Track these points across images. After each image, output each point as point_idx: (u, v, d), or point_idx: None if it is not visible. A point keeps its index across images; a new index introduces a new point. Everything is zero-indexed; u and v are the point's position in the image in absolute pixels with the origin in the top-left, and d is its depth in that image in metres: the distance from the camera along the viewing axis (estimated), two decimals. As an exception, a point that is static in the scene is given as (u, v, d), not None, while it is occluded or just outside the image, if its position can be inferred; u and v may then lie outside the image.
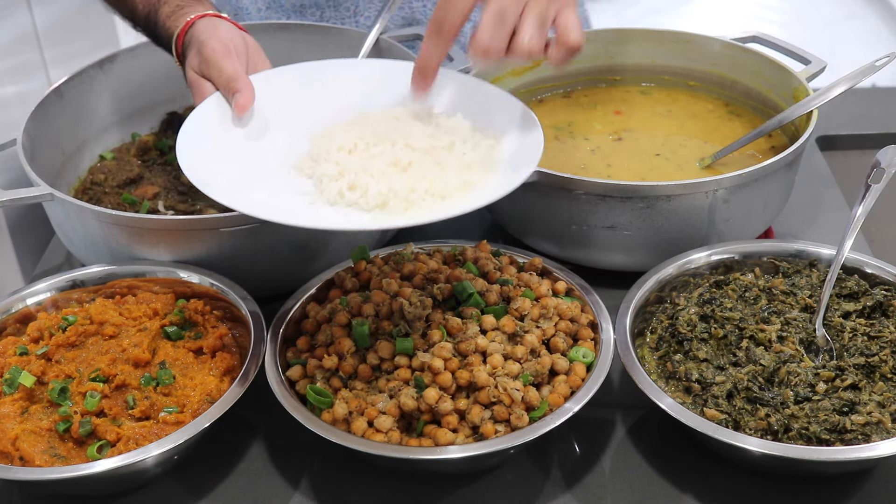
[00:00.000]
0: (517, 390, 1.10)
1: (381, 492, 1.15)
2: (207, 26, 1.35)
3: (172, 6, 1.41)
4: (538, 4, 1.12)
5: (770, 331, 1.19)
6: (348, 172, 1.16)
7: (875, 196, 1.26)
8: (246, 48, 1.35)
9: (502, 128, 1.27)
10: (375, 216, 1.13)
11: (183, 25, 1.37)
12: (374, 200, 1.14)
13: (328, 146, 1.21)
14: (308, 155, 1.22)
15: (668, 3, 4.84)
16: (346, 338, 1.17)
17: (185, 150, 1.20)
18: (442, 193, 1.15)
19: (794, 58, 1.58)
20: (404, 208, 1.14)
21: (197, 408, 1.16)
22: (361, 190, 1.15)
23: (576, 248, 1.39)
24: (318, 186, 1.17)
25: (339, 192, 1.15)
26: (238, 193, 1.14)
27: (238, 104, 1.26)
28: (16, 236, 1.77)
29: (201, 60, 1.31)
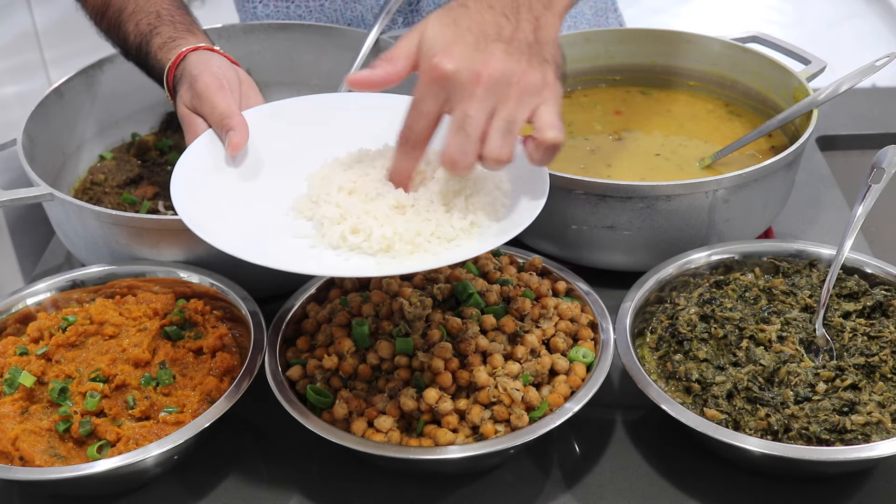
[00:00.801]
0: (517, 390, 1.10)
1: (381, 492, 1.15)
2: (199, 60, 1.31)
3: (164, 37, 1.37)
4: (506, 108, 1.01)
5: (770, 331, 1.19)
6: (350, 215, 1.11)
7: (875, 196, 1.26)
8: (239, 83, 1.31)
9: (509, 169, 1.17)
10: (380, 261, 1.08)
11: (174, 58, 1.33)
12: (378, 244, 1.08)
13: (328, 187, 1.15)
14: (307, 196, 1.17)
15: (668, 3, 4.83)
16: (346, 338, 1.17)
17: (180, 193, 1.15)
18: (448, 236, 1.10)
19: (794, 58, 1.58)
20: (410, 251, 1.08)
21: (197, 408, 1.16)
22: (365, 234, 1.09)
23: (576, 248, 1.39)
24: (319, 229, 1.12)
25: (342, 236, 1.10)
26: (237, 238, 1.10)
27: (232, 143, 1.20)
28: (16, 236, 1.77)
29: (193, 95, 1.27)
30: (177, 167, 1.19)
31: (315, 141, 1.24)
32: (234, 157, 1.22)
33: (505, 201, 1.14)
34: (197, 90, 1.26)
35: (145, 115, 1.71)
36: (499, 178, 1.16)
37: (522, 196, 1.14)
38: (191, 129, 1.26)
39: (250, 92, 1.31)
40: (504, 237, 1.08)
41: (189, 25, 1.40)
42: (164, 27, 1.38)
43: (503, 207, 1.14)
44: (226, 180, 1.21)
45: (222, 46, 1.70)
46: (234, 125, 1.21)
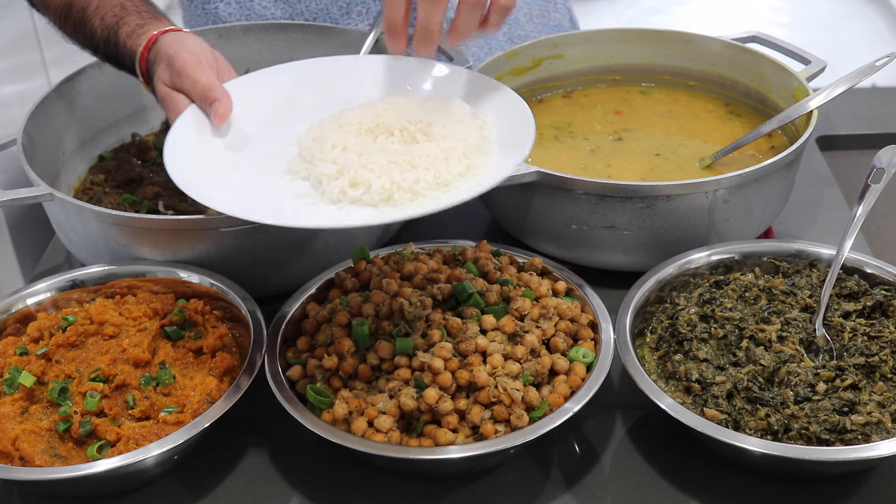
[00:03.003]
0: (517, 390, 1.10)
1: (381, 492, 1.15)
2: (173, 40, 1.34)
3: (132, 25, 1.39)
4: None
5: (770, 331, 1.19)
6: (348, 170, 1.15)
7: (875, 196, 1.26)
8: (215, 59, 1.34)
9: (491, 110, 1.26)
10: (382, 210, 1.12)
11: (146, 42, 1.36)
12: (379, 195, 1.13)
13: (321, 146, 1.20)
14: (299, 157, 1.21)
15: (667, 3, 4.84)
16: (346, 338, 1.17)
17: (176, 167, 1.18)
18: (446, 181, 1.15)
19: (794, 58, 1.58)
20: (410, 199, 1.13)
21: (197, 408, 1.16)
22: (364, 186, 1.14)
23: (576, 248, 1.39)
24: (318, 187, 1.16)
25: (342, 191, 1.14)
26: (240, 203, 1.13)
27: (217, 113, 1.24)
28: (16, 236, 1.77)
29: (173, 73, 1.30)
30: (167, 144, 1.21)
31: (296, 106, 1.30)
32: (220, 128, 1.25)
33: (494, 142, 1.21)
34: (176, 67, 1.29)
35: (145, 115, 1.71)
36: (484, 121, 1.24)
37: (510, 139, 1.21)
38: (173, 106, 1.29)
39: (225, 68, 1.35)
40: (497, 177, 1.13)
41: (154, 13, 1.42)
42: (130, 17, 1.40)
43: (492, 148, 1.20)
44: (217, 151, 1.24)
45: (222, 46, 1.71)
46: (217, 96, 1.25)
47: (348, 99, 1.29)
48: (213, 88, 1.26)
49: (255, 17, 1.76)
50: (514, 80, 1.67)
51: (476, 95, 1.29)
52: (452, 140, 1.19)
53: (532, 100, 1.69)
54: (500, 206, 1.47)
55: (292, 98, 1.32)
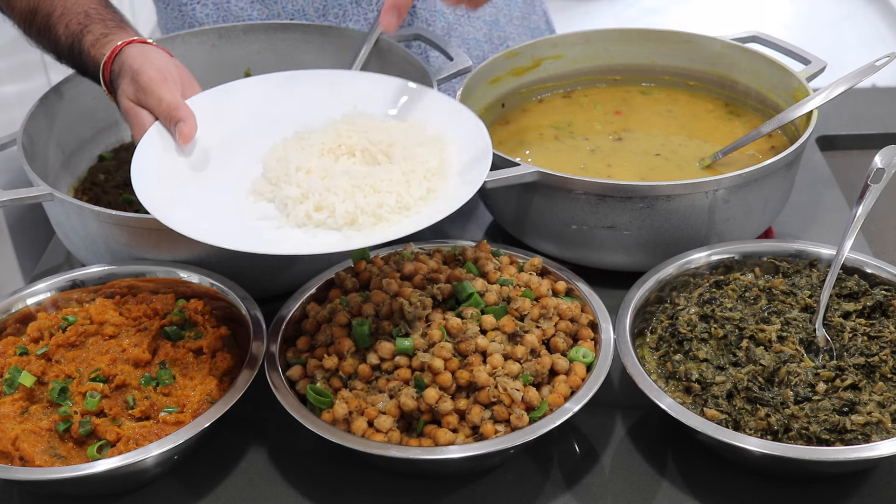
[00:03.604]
0: (517, 390, 1.10)
1: (381, 492, 1.15)
2: (138, 53, 1.33)
3: (96, 34, 1.38)
4: None
5: (770, 331, 1.19)
6: (312, 193, 1.17)
7: (875, 196, 1.26)
8: (179, 75, 1.34)
9: (451, 131, 1.28)
10: (346, 234, 1.14)
11: (110, 52, 1.35)
12: (343, 219, 1.14)
13: (285, 168, 1.21)
14: (264, 178, 1.22)
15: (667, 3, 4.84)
16: (346, 338, 1.17)
17: (143, 187, 1.19)
18: (408, 205, 1.17)
19: (794, 58, 1.58)
20: (373, 223, 1.15)
21: (197, 408, 1.16)
22: (328, 210, 1.15)
23: (576, 248, 1.39)
24: (283, 210, 1.17)
25: (307, 215, 1.16)
26: (206, 225, 1.14)
27: (182, 134, 1.24)
28: (16, 236, 1.77)
29: (138, 89, 1.29)
30: (134, 162, 1.22)
31: (261, 122, 1.31)
32: (185, 147, 1.25)
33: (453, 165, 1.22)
34: (141, 84, 1.29)
35: (145, 114, 1.71)
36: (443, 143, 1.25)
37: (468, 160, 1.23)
38: (137, 123, 1.29)
39: (189, 82, 1.34)
40: (456, 202, 1.15)
41: (119, 22, 1.42)
42: (95, 25, 1.40)
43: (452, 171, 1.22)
44: (182, 170, 1.25)
45: (222, 46, 1.71)
46: (182, 116, 1.25)
47: (311, 116, 1.30)
48: (177, 108, 1.26)
49: (233, 18, 1.75)
50: (514, 81, 1.67)
51: (436, 116, 1.30)
52: (413, 163, 1.21)
53: (532, 100, 1.69)
54: (500, 206, 1.47)
55: (255, 114, 1.33)
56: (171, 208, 1.16)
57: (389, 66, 1.65)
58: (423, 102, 1.33)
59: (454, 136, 1.27)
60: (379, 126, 1.27)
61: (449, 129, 1.28)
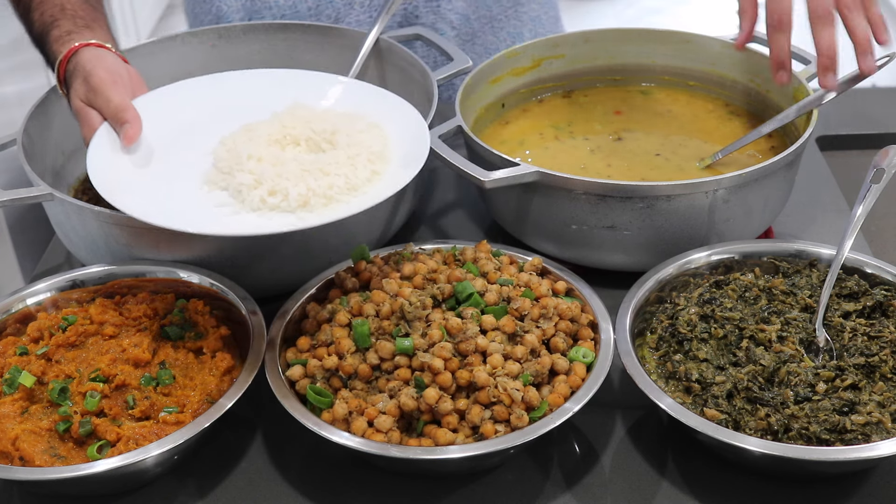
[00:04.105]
0: (517, 390, 1.10)
1: (381, 492, 1.15)
2: (92, 56, 1.37)
3: (62, 30, 1.41)
4: None
5: (770, 331, 1.19)
6: (265, 179, 1.24)
7: (875, 196, 1.26)
8: (129, 78, 1.38)
9: (388, 119, 1.36)
10: (300, 215, 1.21)
11: (66, 52, 1.38)
12: (296, 202, 1.21)
13: (236, 157, 1.27)
14: (215, 168, 1.28)
15: (667, 3, 4.84)
16: (346, 338, 1.17)
17: (102, 183, 1.25)
18: (355, 186, 1.24)
19: (794, 58, 1.57)
20: (324, 204, 1.22)
21: (197, 408, 1.16)
22: (282, 194, 1.22)
23: (576, 248, 1.39)
24: (237, 196, 1.24)
25: (262, 199, 1.23)
26: (169, 214, 1.20)
27: (127, 135, 1.30)
28: (16, 236, 1.77)
29: (88, 89, 1.34)
30: (88, 162, 1.28)
31: (207, 118, 1.38)
32: (133, 145, 1.31)
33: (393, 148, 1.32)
34: (92, 84, 1.34)
35: (145, 114, 1.71)
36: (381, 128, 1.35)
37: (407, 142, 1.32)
38: (87, 122, 1.34)
39: (139, 87, 1.39)
40: (402, 180, 1.25)
41: (90, 21, 1.44)
42: (65, 21, 1.43)
43: (397, 158, 1.31)
44: (132, 168, 1.31)
45: (222, 46, 1.72)
46: (128, 118, 1.31)
47: (254, 112, 1.37)
48: (125, 110, 1.31)
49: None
50: (514, 80, 1.67)
51: (373, 106, 1.40)
52: (357, 147, 1.29)
53: (532, 100, 1.69)
54: (500, 206, 1.47)
55: (201, 111, 1.40)
56: (133, 203, 1.22)
57: (389, 66, 1.65)
58: (361, 95, 1.44)
59: (392, 124, 1.35)
60: (321, 116, 1.35)
61: (387, 117, 1.37)
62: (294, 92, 1.42)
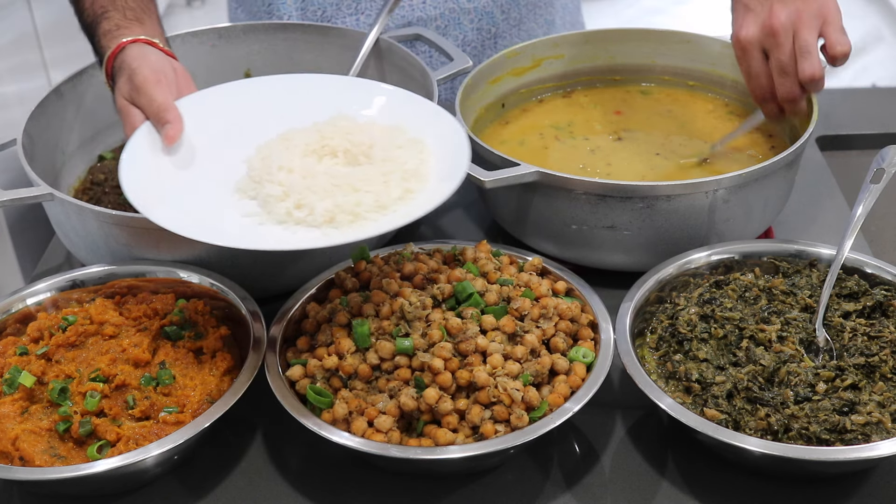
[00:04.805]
0: (517, 390, 1.10)
1: (381, 492, 1.15)
2: (138, 53, 1.35)
3: (112, 24, 1.40)
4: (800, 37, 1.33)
5: (770, 331, 1.19)
6: (293, 192, 1.21)
7: (875, 196, 1.26)
8: (175, 77, 1.36)
9: (430, 135, 1.31)
10: (325, 231, 1.17)
11: (114, 48, 1.37)
12: (322, 217, 1.18)
13: (268, 167, 1.25)
14: (248, 177, 1.26)
15: (667, 3, 4.84)
16: (346, 338, 1.17)
17: (130, 182, 1.23)
18: (385, 205, 1.20)
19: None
20: (350, 221, 1.18)
21: (197, 408, 1.16)
22: (308, 208, 1.19)
23: (576, 248, 1.39)
24: (265, 207, 1.21)
25: (287, 212, 1.20)
26: (189, 220, 1.18)
27: (168, 135, 1.28)
28: (16, 236, 1.77)
29: (132, 88, 1.33)
30: (123, 158, 1.26)
31: (248, 123, 1.35)
32: (173, 146, 1.29)
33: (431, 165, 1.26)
34: (136, 83, 1.32)
35: (145, 114, 1.71)
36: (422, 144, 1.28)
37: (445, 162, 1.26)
38: (129, 120, 1.32)
39: (185, 84, 1.37)
40: (432, 202, 1.19)
41: (139, 13, 1.43)
42: (115, 12, 1.41)
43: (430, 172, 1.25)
44: (169, 168, 1.28)
45: (222, 46, 1.72)
46: (170, 118, 1.29)
47: (296, 118, 1.34)
48: (167, 110, 1.29)
49: None
50: (514, 80, 1.67)
51: (416, 119, 1.33)
52: (392, 164, 1.25)
53: (532, 100, 1.69)
54: (500, 206, 1.47)
55: (243, 116, 1.37)
56: (156, 204, 1.20)
57: (389, 66, 1.65)
58: (405, 106, 1.37)
59: (433, 139, 1.30)
60: (361, 128, 1.31)
61: (428, 132, 1.31)
62: (338, 99, 1.37)
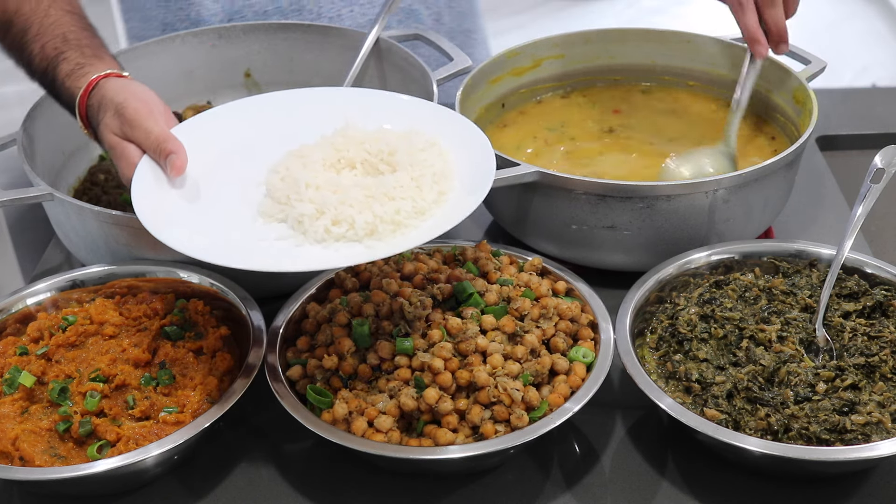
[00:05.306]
0: (517, 390, 1.10)
1: (381, 492, 1.15)
2: (119, 86, 1.28)
3: (72, 64, 1.32)
4: None
5: (770, 331, 1.19)
6: (327, 208, 1.15)
7: (875, 196, 1.26)
8: (162, 106, 1.29)
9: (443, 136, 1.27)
10: (368, 244, 1.14)
11: (86, 86, 1.30)
12: (363, 230, 1.14)
13: (293, 186, 1.19)
14: (270, 199, 1.20)
15: (667, 3, 4.83)
16: (346, 338, 1.17)
17: (154, 222, 1.17)
18: (422, 209, 1.17)
19: (794, 58, 1.58)
20: (392, 231, 1.14)
21: (197, 408, 1.16)
22: (347, 223, 1.14)
23: (576, 248, 1.39)
24: (298, 228, 1.16)
25: (326, 230, 1.14)
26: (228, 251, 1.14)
27: (175, 166, 1.21)
28: (16, 236, 1.77)
29: (123, 122, 1.25)
30: (134, 199, 1.20)
31: (249, 145, 1.29)
32: (177, 179, 1.23)
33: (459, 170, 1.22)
34: (127, 117, 1.25)
35: (145, 115, 1.71)
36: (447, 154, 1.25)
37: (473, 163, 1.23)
38: (124, 157, 1.25)
39: (168, 114, 1.30)
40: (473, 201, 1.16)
41: (96, 50, 1.36)
42: (72, 52, 1.34)
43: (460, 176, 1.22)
44: (181, 201, 1.22)
45: (222, 46, 1.71)
46: (173, 148, 1.22)
47: (301, 135, 1.28)
48: (167, 140, 1.22)
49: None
50: (515, 80, 1.66)
51: (427, 122, 1.30)
52: (420, 168, 1.20)
53: (532, 100, 1.69)
54: (500, 206, 1.47)
55: (243, 138, 1.31)
56: (191, 238, 1.15)
57: (389, 67, 1.65)
58: (411, 110, 1.33)
59: (450, 140, 1.27)
60: (375, 136, 1.26)
61: (443, 133, 1.28)
62: (337, 111, 1.32)
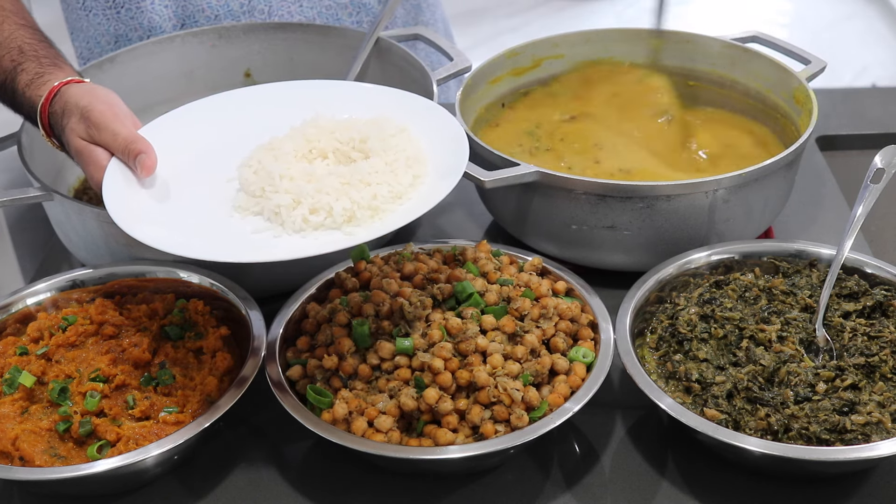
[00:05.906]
0: (517, 390, 1.10)
1: (381, 492, 1.15)
2: (83, 91, 1.28)
3: (31, 74, 1.33)
4: None
5: (770, 331, 1.19)
6: (304, 197, 1.16)
7: (875, 196, 1.26)
8: (126, 108, 1.29)
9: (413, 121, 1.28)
10: (348, 231, 1.14)
11: (47, 94, 1.30)
12: (342, 217, 1.14)
13: (267, 178, 1.19)
14: (243, 193, 1.21)
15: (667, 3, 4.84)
16: (346, 338, 1.17)
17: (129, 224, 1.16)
18: (399, 193, 1.18)
19: (793, 58, 1.58)
20: (370, 216, 1.15)
21: (197, 408, 1.16)
22: (325, 211, 1.15)
23: (576, 248, 1.39)
24: (275, 219, 1.16)
25: (304, 219, 1.15)
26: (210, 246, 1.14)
27: (145, 166, 1.21)
28: (16, 236, 1.77)
29: (89, 126, 1.25)
30: (107, 201, 1.19)
31: (216, 143, 1.30)
32: (147, 179, 1.23)
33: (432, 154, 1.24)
34: (93, 120, 1.25)
35: (145, 115, 1.70)
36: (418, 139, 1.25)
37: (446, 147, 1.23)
38: (92, 160, 1.25)
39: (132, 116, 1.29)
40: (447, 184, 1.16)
41: (54, 59, 1.36)
42: (29, 63, 1.34)
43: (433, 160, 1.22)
44: (154, 201, 1.22)
45: (222, 46, 1.72)
46: (142, 148, 1.22)
47: (270, 128, 1.29)
48: (135, 141, 1.23)
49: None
50: (515, 80, 1.67)
51: (394, 109, 1.30)
52: (393, 153, 1.22)
53: (531, 98, 1.69)
54: (500, 206, 1.47)
55: (209, 136, 1.31)
56: (168, 236, 1.15)
57: (389, 66, 1.65)
58: (379, 98, 1.34)
59: (419, 125, 1.28)
60: (345, 125, 1.27)
61: (411, 118, 1.29)
62: (305, 103, 1.33)
